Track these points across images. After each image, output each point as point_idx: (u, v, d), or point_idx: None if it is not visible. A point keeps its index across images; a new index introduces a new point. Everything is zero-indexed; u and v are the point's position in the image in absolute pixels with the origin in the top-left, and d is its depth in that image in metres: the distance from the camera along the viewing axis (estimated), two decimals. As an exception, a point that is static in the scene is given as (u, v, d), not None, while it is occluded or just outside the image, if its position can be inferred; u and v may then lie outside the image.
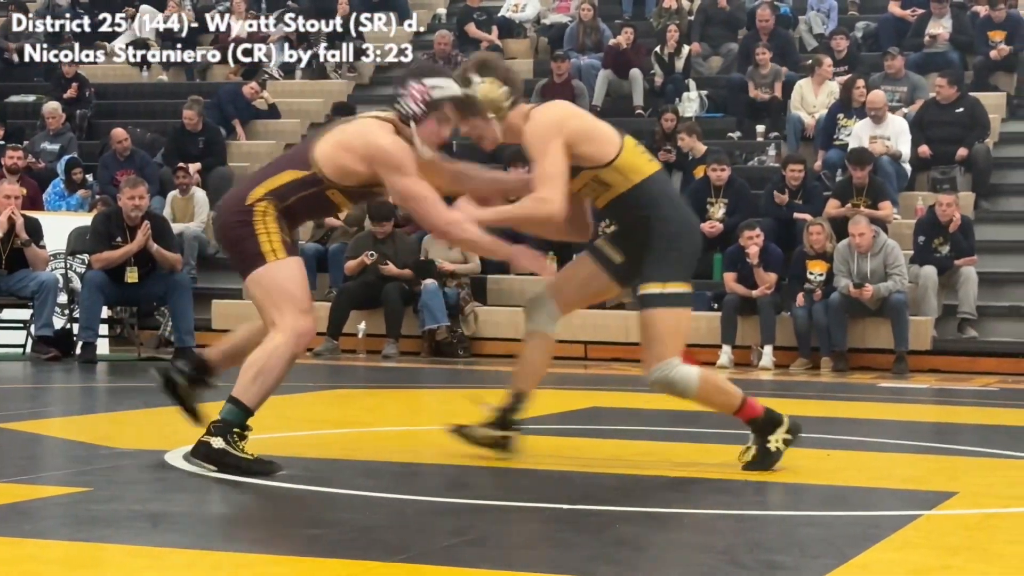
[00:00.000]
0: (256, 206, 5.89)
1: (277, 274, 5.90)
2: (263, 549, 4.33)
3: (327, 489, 5.51)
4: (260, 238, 5.88)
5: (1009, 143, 16.66)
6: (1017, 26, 17.34)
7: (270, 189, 5.92)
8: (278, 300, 5.90)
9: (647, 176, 6.13)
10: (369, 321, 14.34)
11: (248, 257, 5.92)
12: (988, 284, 14.19)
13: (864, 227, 13.24)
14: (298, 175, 5.92)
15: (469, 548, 4.43)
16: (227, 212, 6.01)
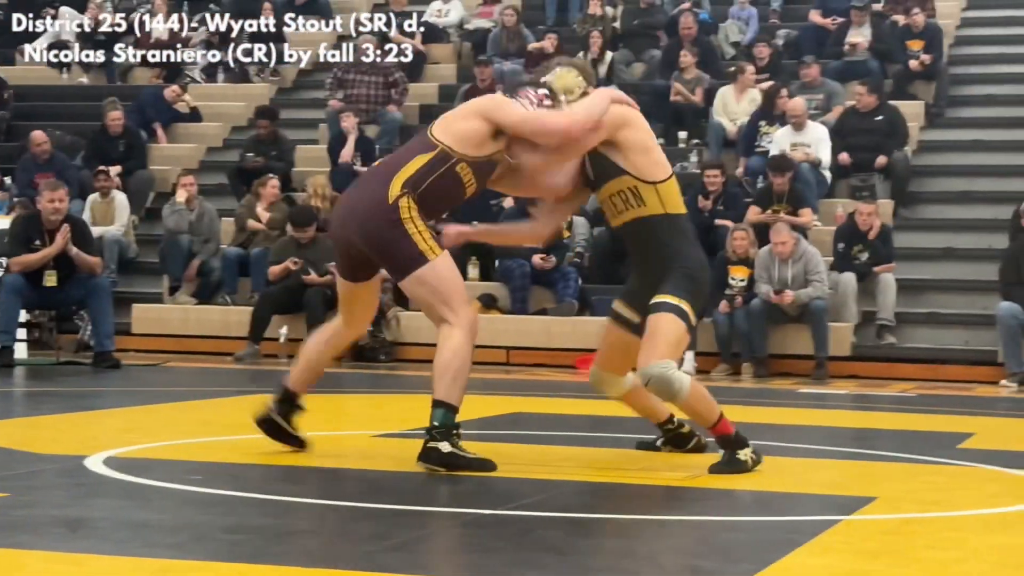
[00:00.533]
0: (400, 203, 5.94)
1: (440, 271, 6.00)
2: (183, 555, 4.29)
3: (248, 494, 5.47)
4: (415, 238, 5.95)
5: (928, 151, 16.83)
6: (935, 35, 17.52)
7: (405, 179, 5.98)
8: (446, 297, 6.00)
9: (680, 213, 6.44)
10: (291, 325, 14.27)
11: (406, 258, 5.98)
12: (906, 291, 14.32)
13: (786, 235, 13.34)
14: (426, 158, 6.01)
15: (390, 554, 4.41)
16: (370, 214, 5.99)
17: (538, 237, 6.83)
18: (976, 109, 17.76)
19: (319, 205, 15.11)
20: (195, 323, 15.01)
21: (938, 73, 17.43)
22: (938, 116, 17.40)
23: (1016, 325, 12.91)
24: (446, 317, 5.98)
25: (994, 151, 16.75)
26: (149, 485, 5.60)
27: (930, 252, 15.21)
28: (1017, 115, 17.21)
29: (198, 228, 15.51)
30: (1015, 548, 4.75)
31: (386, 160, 6.27)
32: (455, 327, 5.96)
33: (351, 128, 16.40)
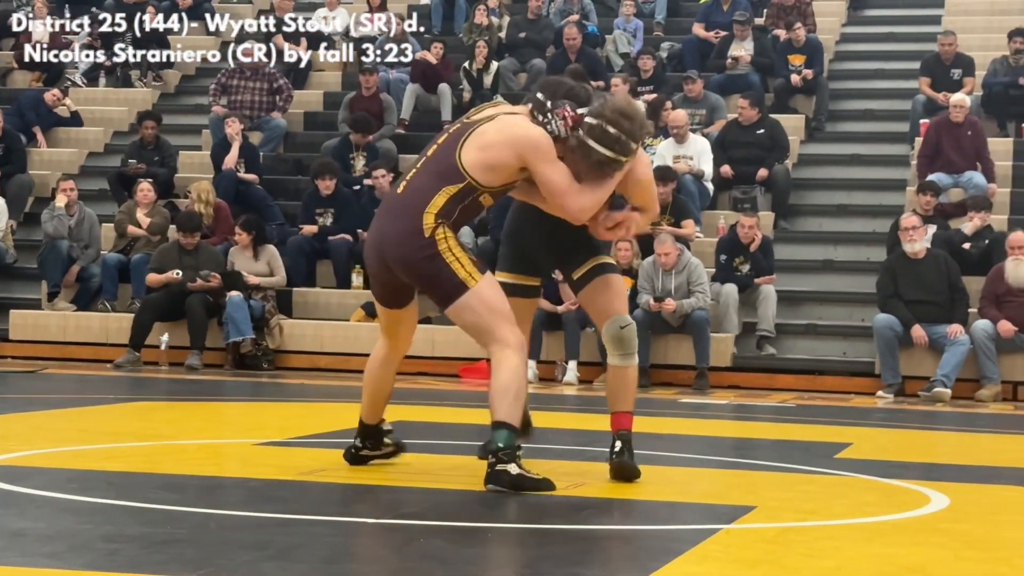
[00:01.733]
0: (436, 235, 5.99)
1: (483, 296, 6.05)
2: (60, 564, 4.23)
3: (127, 502, 5.41)
4: (454, 267, 6.01)
5: (808, 164, 17.05)
6: (816, 50, 17.76)
7: (437, 212, 6.01)
8: (492, 321, 6.05)
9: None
10: (172, 333, 14.13)
11: (448, 288, 6.03)
12: (786, 302, 14.48)
13: (670, 246, 13.44)
14: (454, 190, 6.04)
15: (271, 563, 4.38)
16: (409, 248, 6.01)
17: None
18: (855, 123, 18.03)
19: (202, 211, 15.00)
20: (74, 330, 14.82)
21: (818, 87, 17.67)
22: (818, 130, 17.64)
23: (892, 337, 13.11)
24: (495, 339, 6.04)
25: (872, 165, 17.01)
26: (25, 493, 5.51)
27: (809, 264, 15.41)
28: (895, 130, 17.49)
29: (78, 234, 15.32)
30: (890, 557, 4.81)
31: (413, 186, 6.13)
32: (505, 348, 6.02)
33: (235, 134, 16.28)
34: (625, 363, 6.61)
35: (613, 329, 6.54)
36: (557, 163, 6.08)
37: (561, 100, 6.14)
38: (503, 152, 6.04)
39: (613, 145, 6.10)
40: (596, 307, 6.60)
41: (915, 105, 16.99)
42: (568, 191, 6.08)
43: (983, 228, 14.18)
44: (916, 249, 13.30)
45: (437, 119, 17.63)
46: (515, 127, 6.11)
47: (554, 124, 6.10)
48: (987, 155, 15.55)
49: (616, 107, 6.17)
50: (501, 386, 5.99)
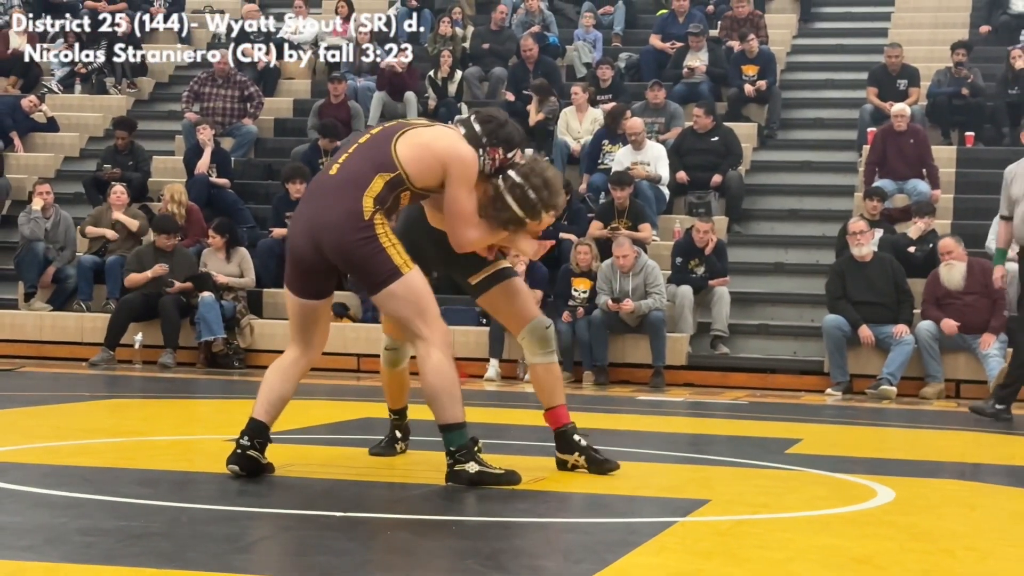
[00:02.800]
0: (375, 219, 5.81)
1: (414, 285, 5.87)
2: (35, 557, 4.21)
3: (102, 497, 5.38)
4: (389, 252, 5.83)
5: (760, 171, 17.10)
6: (769, 61, 17.81)
7: (374, 197, 5.84)
8: (422, 310, 5.87)
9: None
10: (146, 332, 14.09)
11: (382, 273, 5.83)
12: (739, 303, 14.53)
13: (627, 248, 13.47)
14: (387, 177, 5.87)
15: (241, 555, 4.37)
16: (347, 230, 5.80)
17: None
18: (805, 131, 18.10)
19: (175, 211, 14.96)
20: (50, 329, 14.75)
21: (771, 97, 17.73)
22: (770, 138, 17.70)
23: (841, 336, 13.17)
24: (420, 332, 5.86)
25: (822, 171, 17.08)
26: (1, 488, 5.47)
27: (762, 267, 15.46)
28: (844, 137, 17.56)
29: (54, 236, 15.24)
30: (839, 548, 4.83)
31: (349, 170, 5.91)
32: (430, 345, 5.85)
33: (207, 140, 16.23)
34: (551, 360, 6.50)
35: (540, 331, 6.43)
36: (472, 191, 5.96)
37: (496, 141, 6.05)
38: (433, 158, 5.90)
39: (528, 209, 6.05)
40: (509, 311, 6.47)
41: (863, 114, 17.07)
42: (468, 221, 5.98)
43: (927, 232, 14.26)
44: (863, 252, 13.36)
45: (403, 126, 17.61)
46: (452, 139, 5.99)
47: (483, 161, 6.00)
48: (931, 162, 15.64)
49: (542, 174, 6.08)
50: (432, 392, 5.86)
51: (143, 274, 14.13)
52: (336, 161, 5.99)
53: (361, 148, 5.98)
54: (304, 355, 6.19)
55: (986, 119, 16.90)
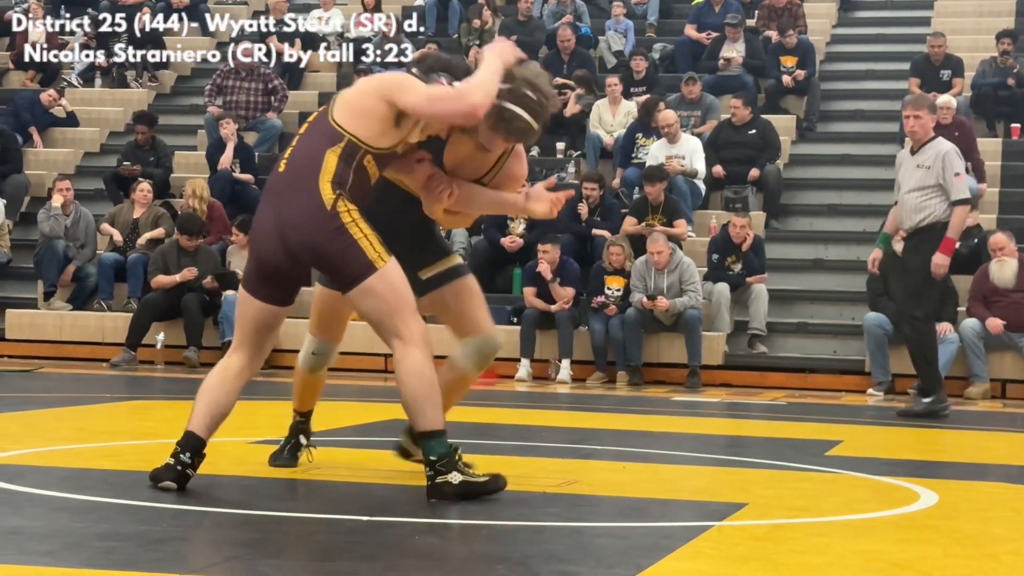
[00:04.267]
0: (338, 207, 5.42)
1: (390, 279, 5.47)
2: (56, 562, 4.23)
3: (123, 501, 5.40)
4: (362, 244, 5.43)
5: (798, 164, 17.06)
6: (808, 52, 17.77)
7: (332, 178, 5.44)
8: (397, 308, 5.49)
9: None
10: (168, 332, 14.13)
11: (355, 269, 5.45)
12: (777, 301, 14.50)
13: (662, 244, 13.46)
14: (337, 150, 5.47)
15: (265, 560, 4.38)
16: (312, 227, 5.43)
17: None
18: (845, 124, 18.05)
19: (196, 207, 15.02)
20: (70, 329, 14.81)
21: (809, 88, 17.69)
22: (809, 130, 17.66)
23: (882, 335, 13.12)
24: (397, 331, 5.48)
25: (862, 165, 17.02)
26: (21, 492, 5.51)
27: (800, 263, 15.42)
28: (884, 130, 17.50)
29: (74, 233, 15.31)
30: (879, 553, 4.82)
31: (296, 159, 5.55)
32: (408, 345, 5.48)
33: (230, 135, 16.27)
34: (478, 375, 6.23)
35: (490, 353, 6.11)
36: (422, 86, 5.50)
37: (437, 73, 5.63)
38: (368, 99, 5.49)
39: (534, 112, 5.63)
40: (457, 312, 6.05)
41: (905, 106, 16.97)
42: (449, 94, 5.49)
43: (972, 227, 14.18)
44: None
45: (430, 120, 17.64)
46: (374, 77, 5.76)
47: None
48: (976, 155, 15.57)
49: (527, 77, 5.65)
50: (411, 396, 5.52)
51: (171, 277, 14.18)
52: (283, 157, 5.67)
53: (303, 136, 5.65)
54: (250, 364, 5.86)
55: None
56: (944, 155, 10.87)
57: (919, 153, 10.94)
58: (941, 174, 10.80)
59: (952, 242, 10.97)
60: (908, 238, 10.97)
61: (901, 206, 11.00)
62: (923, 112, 11.03)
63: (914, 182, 10.87)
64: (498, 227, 14.89)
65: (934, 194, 10.80)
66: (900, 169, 11.14)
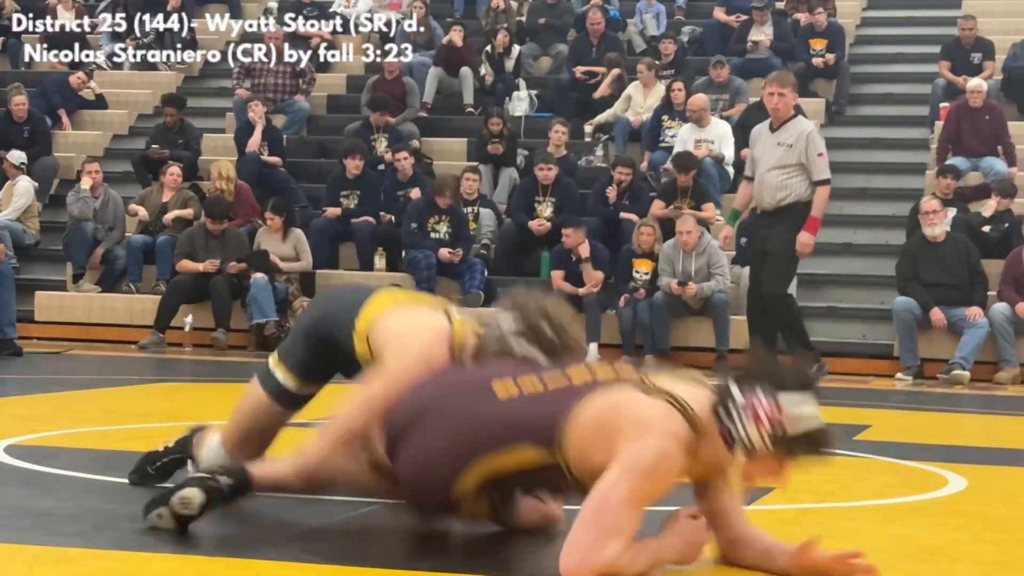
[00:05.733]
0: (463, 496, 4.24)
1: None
2: (85, 543, 4.25)
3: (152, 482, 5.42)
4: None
5: (829, 148, 16.76)
6: (838, 34, 17.71)
7: (487, 475, 4.17)
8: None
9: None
10: (197, 314, 14.18)
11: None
12: (807, 285, 14.46)
13: (692, 225, 13.44)
14: (535, 457, 4.09)
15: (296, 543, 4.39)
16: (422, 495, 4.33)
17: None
18: (875, 107, 17.99)
19: (224, 187, 15.06)
20: (99, 311, 14.86)
21: (839, 71, 17.62)
22: (838, 114, 17.60)
23: (911, 319, 13.09)
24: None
25: (892, 149, 16.97)
26: (51, 473, 5.53)
27: (830, 247, 15.34)
28: (915, 113, 17.44)
29: (103, 215, 15.36)
30: (908, 538, 4.81)
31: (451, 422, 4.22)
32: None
33: (258, 117, 16.30)
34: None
35: None
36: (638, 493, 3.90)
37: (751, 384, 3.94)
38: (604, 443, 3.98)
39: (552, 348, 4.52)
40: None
41: (935, 89, 16.95)
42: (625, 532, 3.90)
43: (1002, 211, 14.14)
44: (936, 232, 13.27)
45: (459, 102, 17.66)
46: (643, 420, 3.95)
47: (739, 428, 3.92)
48: (1007, 139, 15.52)
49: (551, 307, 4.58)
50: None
51: (195, 264, 14.21)
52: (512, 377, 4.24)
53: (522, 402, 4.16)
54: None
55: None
56: (808, 135, 10.88)
57: (780, 131, 10.92)
58: (804, 153, 10.81)
59: (817, 221, 11.01)
60: (768, 216, 10.92)
61: (760, 184, 10.94)
62: (787, 90, 11.01)
63: (775, 160, 10.84)
64: (526, 210, 14.90)
65: (796, 173, 10.82)
66: (756, 145, 11.09)
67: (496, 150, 15.85)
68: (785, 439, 3.86)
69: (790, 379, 3.94)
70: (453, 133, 17.27)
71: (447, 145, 17.10)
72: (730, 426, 3.89)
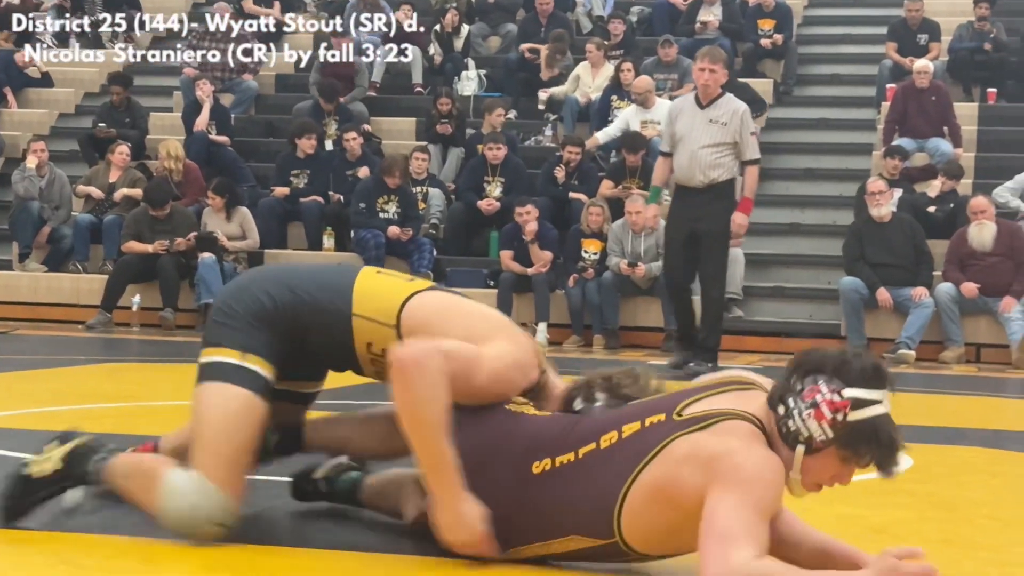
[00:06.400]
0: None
1: None
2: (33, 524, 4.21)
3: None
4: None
5: (776, 128, 17.07)
6: (785, 15, 17.77)
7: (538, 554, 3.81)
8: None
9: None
10: (144, 294, 14.10)
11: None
12: (754, 265, 14.52)
13: (641, 205, 13.46)
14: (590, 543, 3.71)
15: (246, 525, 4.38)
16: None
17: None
18: (822, 88, 18.08)
19: (172, 167, 14.98)
20: (45, 291, 14.76)
21: (787, 52, 17.69)
22: (786, 94, 17.66)
23: (858, 299, 13.17)
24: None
25: (839, 129, 17.06)
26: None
27: (777, 227, 15.45)
28: (861, 94, 17.53)
29: (49, 195, 15.24)
30: (855, 518, 4.84)
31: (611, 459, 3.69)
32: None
33: (206, 96, 16.21)
34: None
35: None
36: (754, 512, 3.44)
37: (810, 373, 3.66)
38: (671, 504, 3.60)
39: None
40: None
41: (882, 70, 17.03)
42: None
43: (948, 192, 14.24)
44: (882, 213, 13.35)
45: (408, 82, 17.62)
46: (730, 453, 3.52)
47: (798, 420, 3.59)
48: (953, 120, 15.61)
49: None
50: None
51: (143, 245, 14.14)
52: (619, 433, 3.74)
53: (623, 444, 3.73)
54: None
55: (1010, 75, 16.85)
56: (742, 114, 10.90)
57: (711, 108, 10.89)
58: (739, 132, 10.81)
59: (750, 201, 11.01)
60: (699, 194, 10.89)
61: (691, 161, 10.81)
62: (718, 66, 11.00)
63: (707, 138, 10.80)
64: (475, 190, 14.89)
65: (728, 151, 10.82)
66: (679, 121, 10.97)
67: (445, 130, 15.84)
68: (847, 429, 3.51)
69: (856, 369, 3.56)
70: (402, 113, 17.23)
71: (396, 125, 17.06)
72: (788, 420, 3.56)
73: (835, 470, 3.57)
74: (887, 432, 3.54)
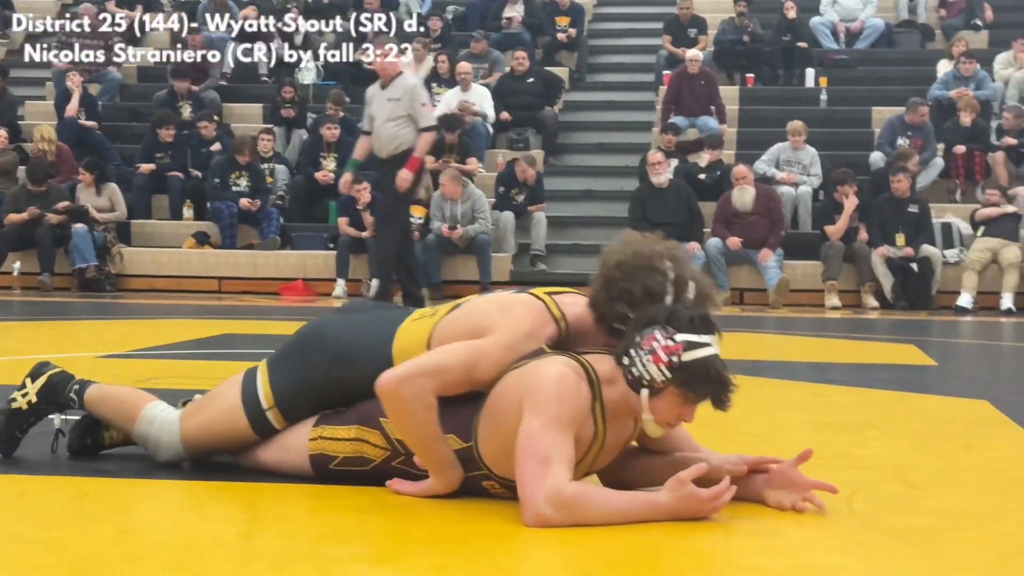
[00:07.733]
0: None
1: None
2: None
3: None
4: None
5: (571, 110, 17.20)
6: (579, 13, 17.88)
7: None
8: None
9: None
10: (24, 261, 13.78)
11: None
12: (555, 226, 14.65)
13: (449, 178, 13.49)
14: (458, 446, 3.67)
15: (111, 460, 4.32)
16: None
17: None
18: (610, 75, 18.23)
19: (45, 149, 14.67)
20: (-67, 260, 14.28)
21: (580, 44, 17.81)
22: (580, 80, 17.79)
23: (642, 253, 13.34)
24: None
25: (624, 109, 17.24)
26: None
27: (574, 194, 15.59)
28: (643, 80, 17.73)
29: (-66, 174, 14.75)
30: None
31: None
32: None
33: (75, 86, 15.84)
34: None
35: None
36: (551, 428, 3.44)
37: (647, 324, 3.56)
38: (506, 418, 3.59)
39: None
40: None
41: (659, 59, 17.25)
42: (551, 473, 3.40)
43: (715, 161, 14.50)
44: (661, 180, 13.55)
45: (255, 72, 17.40)
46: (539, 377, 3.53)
47: (639, 367, 3.51)
48: (719, 101, 15.88)
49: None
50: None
51: (20, 215, 13.82)
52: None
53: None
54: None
55: (764, 62, 17.19)
56: (412, 88, 10.96)
57: (389, 88, 10.97)
58: (411, 105, 10.88)
59: (417, 160, 10.96)
60: (385, 163, 11.03)
61: (377, 136, 10.91)
62: (391, 51, 11.06)
63: (386, 114, 10.87)
64: (313, 164, 14.79)
65: (405, 124, 10.88)
66: (372, 103, 11.04)
67: (288, 114, 15.71)
68: (682, 369, 3.46)
69: (686, 318, 3.53)
70: (251, 99, 16.99)
71: (245, 110, 16.83)
72: (632, 368, 3.49)
73: (678, 408, 3.51)
74: (717, 370, 3.52)
